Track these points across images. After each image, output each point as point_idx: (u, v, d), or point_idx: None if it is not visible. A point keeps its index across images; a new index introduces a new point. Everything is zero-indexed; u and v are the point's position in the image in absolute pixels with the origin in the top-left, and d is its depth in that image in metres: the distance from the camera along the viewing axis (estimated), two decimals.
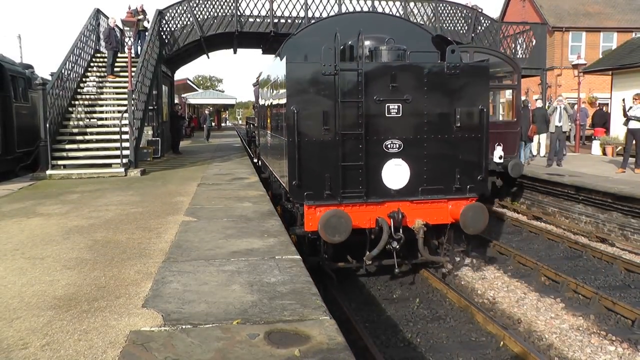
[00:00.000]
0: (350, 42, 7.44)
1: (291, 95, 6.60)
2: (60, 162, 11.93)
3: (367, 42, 7.34)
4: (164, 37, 16.66)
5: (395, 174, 6.83)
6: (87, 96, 14.59)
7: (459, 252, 7.91)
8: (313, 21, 14.46)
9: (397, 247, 6.69)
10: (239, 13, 16.81)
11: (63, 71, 13.28)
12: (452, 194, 7.00)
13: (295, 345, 3.06)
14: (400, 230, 6.71)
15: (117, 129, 12.53)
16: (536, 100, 17.87)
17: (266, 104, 10.97)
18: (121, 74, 15.39)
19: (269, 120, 10.41)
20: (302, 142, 6.57)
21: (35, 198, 8.80)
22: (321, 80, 6.52)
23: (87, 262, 4.91)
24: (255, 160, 16.84)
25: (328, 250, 7.06)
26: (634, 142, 12.15)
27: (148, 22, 17.03)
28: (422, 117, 6.86)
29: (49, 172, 11.40)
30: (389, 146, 6.79)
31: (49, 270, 4.67)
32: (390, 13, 17.23)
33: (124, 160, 11.91)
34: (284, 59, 6.92)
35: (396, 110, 6.75)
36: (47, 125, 11.67)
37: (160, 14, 16.40)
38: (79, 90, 14.56)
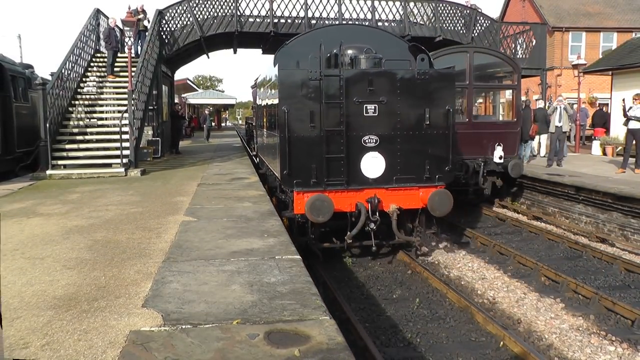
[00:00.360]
0: (335, 51, 8.29)
1: (283, 97, 7.55)
2: (60, 162, 11.94)
3: (349, 51, 8.28)
4: (163, 37, 16.65)
5: (373, 165, 7.79)
6: (87, 96, 14.59)
7: (430, 234, 8.90)
8: (314, 25, 15.10)
9: (374, 228, 7.68)
10: (239, 13, 16.80)
11: (63, 71, 13.27)
12: (423, 182, 7.96)
13: (295, 346, 3.06)
14: (377, 213, 7.66)
15: (117, 129, 12.53)
16: (536, 100, 17.87)
17: (262, 105, 12.08)
18: (121, 74, 15.38)
19: (264, 119, 11.51)
20: (291, 137, 7.53)
21: (35, 198, 8.79)
22: (308, 84, 7.50)
23: (87, 262, 4.91)
24: (254, 153, 17.68)
25: (315, 232, 8.08)
26: (634, 142, 12.14)
27: (148, 21, 17.01)
28: (395, 116, 7.84)
29: (49, 172, 11.40)
30: (366, 141, 7.76)
31: (49, 270, 4.68)
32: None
33: (124, 160, 11.91)
34: (277, 66, 8.04)
35: (373, 110, 7.73)
36: (47, 125, 11.68)
37: (160, 13, 16.39)
38: (79, 90, 14.55)
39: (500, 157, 11.66)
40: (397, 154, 7.85)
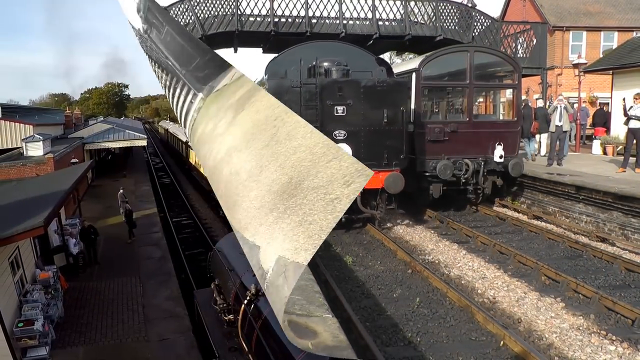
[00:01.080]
0: (314, 63, 10.04)
1: None
2: None
3: (324, 64, 10.04)
4: None
5: None
6: None
7: (389, 209, 11.24)
8: (314, 24, 16.16)
9: None
10: (239, 12, 16.79)
11: None
12: (382, 167, 9.97)
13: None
14: None
15: None
16: (536, 99, 17.85)
17: None
18: None
19: None
20: None
21: None
22: (291, 91, 9.45)
23: None
24: None
25: None
26: (634, 141, 12.14)
27: None
28: (360, 116, 9.85)
29: None
30: (337, 135, 9.71)
31: None
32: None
33: None
34: (267, 75, 10.00)
35: (342, 111, 9.73)
36: None
37: None
38: None
39: (501, 157, 11.66)
40: (361, 145, 9.83)
